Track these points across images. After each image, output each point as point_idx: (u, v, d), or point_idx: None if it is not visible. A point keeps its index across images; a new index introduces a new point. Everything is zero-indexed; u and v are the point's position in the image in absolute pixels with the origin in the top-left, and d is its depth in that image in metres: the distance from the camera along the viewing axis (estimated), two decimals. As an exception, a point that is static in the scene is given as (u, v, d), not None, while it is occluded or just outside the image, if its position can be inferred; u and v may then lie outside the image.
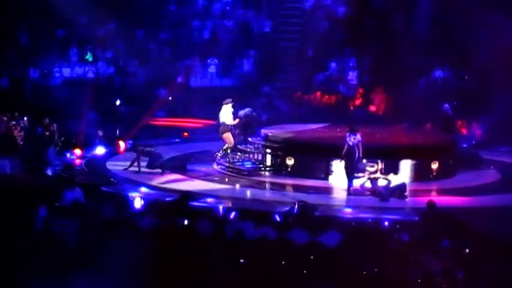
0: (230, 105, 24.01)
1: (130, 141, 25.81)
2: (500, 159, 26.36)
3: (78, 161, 24.42)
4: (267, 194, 21.47)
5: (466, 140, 27.23)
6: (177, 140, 29.11)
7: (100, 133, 26.94)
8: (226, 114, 23.92)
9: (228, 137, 23.97)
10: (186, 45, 34.40)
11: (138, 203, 18.02)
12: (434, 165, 22.98)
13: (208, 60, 33.81)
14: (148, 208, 17.10)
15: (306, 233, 14.23)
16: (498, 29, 30.85)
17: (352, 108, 31.87)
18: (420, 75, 32.31)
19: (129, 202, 17.75)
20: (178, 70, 33.17)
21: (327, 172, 22.49)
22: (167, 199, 18.96)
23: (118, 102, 31.87)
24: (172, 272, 12.37)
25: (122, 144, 25.68)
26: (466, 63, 31.84)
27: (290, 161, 22.94)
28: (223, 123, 23.91)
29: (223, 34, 34.75)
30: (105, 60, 33.38)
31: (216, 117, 24.39)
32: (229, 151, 24.14)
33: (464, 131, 27.70)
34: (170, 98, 32.26)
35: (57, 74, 32.41)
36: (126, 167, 23.22)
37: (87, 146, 26.22)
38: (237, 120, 24.05)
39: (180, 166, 24.05)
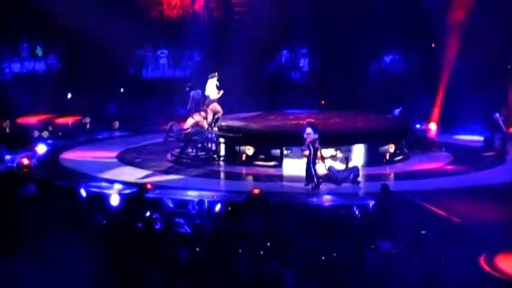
0: (215, 78, 23.92)
1: None
2: (450, 141, 26.69)
3: (32, 158, 24.17)
4: (222, 183, 21.43)
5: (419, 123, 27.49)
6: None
7: (46, 133, 26.82)
8: (211, 87, 23.85)
9: (215, 107, 23.88)
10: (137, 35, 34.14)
11: (93, 197, 17.86)
12: (389, 149, 23.16)
13: (160, 52, 33.63)
14: (103, 202, 16.98)
15: (261, 221, 14.26)
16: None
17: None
18: (372, 59, 32.55)
19: (84, 196, 17.57)
20: (130, 61, 33.01)
21: (281, 160, 22.54)
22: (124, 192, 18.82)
23: (69, 96, 31.64)
24: (128, 266, 12.31)
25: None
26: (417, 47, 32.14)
27: (244, 150, 22.94)
28: (208, 97, 23.83)
29: (174, 24, 34.58)
30: (56, 54, 33.03)
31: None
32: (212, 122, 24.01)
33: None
34: (122, 90, 32.09)
35: (7, 70, 32.03)
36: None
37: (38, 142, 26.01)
38: (221, 92, 23.90)
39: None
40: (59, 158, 24.30)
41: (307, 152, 20.32)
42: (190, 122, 23.95)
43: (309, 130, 20.08)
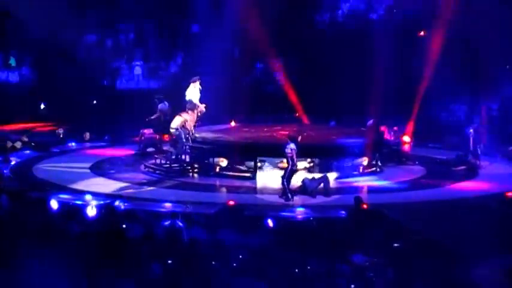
0: (198, 82, 23.97)
1: None
2: (424, 154, 26.83)
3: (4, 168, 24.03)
4: (197, 195, 21.36)
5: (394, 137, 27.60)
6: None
7: (19, 144, 26.71)
8: (193, 92, 23.87)
9: (193, 114, 23.89)
10: (112, 47, 34.10)
11: (65, 208, 17.76)
12: (362, 162, 23.23)
13: (135, 62, 33.55)
14: (76, 213, 16.89)
15: (236, 233, 14.25)
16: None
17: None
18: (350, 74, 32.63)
19: (57, 208, 17.46)
20: (105, 72, 32.92)
21: (255, 172, 22.53)
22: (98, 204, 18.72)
23: (42, 106, 31.49)
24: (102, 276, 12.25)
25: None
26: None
27: (218, 162, 22.91)
28: (190, 101, 23.81)
29: (149, 36, 34.57)
30: (30, 64, 32.89)
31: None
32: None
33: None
34: (95, 102, 32.00)
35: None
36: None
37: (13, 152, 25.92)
38: (204, 106, 23.94)
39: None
40: (32, 168, 24.13)
41: (284, 164, 20.33)
42: (177, 120, 23.77)
43: (293, 146, 20.03)
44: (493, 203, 19.36)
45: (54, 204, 16.93)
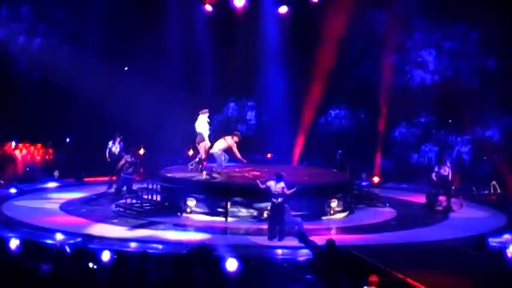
0: (206, 115, 23.87)
1: None
2: (394, 196, 26.94)
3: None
4: (168, 235, 21.22)
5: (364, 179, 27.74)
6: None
7: None
8: (203, 124, 23.81)
9: (206, 145, 23.84)
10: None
11: (33, 247, 17.58)
12: (333, 204, 23.25)
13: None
14: (45, 252, 16.75)
15: (207, 273, 14.17)
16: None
17: None
18: (319, 113, 32.86)
19: (25, 247, 17.28)
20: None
21: (227, 211, 22.48)
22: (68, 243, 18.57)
23: (13, 144, 31.31)
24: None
25: None
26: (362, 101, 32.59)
27: (191, 202, 22.85)
28: (200, 134, 23.73)
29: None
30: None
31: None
32: (201, 161, 24.10)
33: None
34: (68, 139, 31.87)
35: None
36: None
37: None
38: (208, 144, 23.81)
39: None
40: (1, 207, 23.92)
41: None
42: (220, 144, 23.77)
43: (282, 184, 19.95)
44: (464, 247, 19.43)
45: (16, 242, 16.71)
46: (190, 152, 27.97)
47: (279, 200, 19.82)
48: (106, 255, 16.11)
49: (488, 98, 30.44)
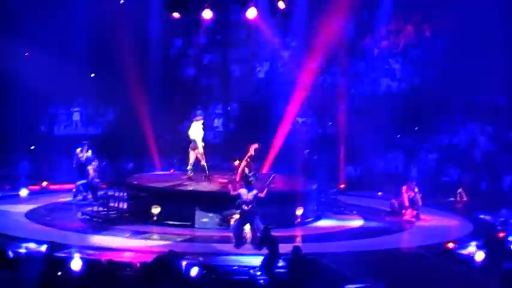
0: (201, 122, 23.91)
1: None
2: (361, 204, 27.01)
3: None
4: (134, 243, 21.10)
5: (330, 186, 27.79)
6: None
7: None
8: (197, 131, 23.82)
9: (199, 151, 23.83)
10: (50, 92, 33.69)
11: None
12: (298, 212, 23.23)
13: (73, 108, 33.26)
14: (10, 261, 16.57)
15: (172, 281, 14.10)
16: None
17: None
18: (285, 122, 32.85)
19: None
20: (42, 118, 32.59)
21: (193, 219, 22.39)
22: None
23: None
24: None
25: None
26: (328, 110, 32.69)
27: (156, 209, 22.74)
28: (194, 141, 23.69)
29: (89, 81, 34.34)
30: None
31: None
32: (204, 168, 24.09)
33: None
34: (32, 147, 31.59)
35: None
36: None
37: None
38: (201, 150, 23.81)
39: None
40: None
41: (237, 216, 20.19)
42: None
43: (255, 191, 19.91)
44: (431, 254, 19.51)
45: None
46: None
47: (250, 207, 19.80)
48: (75, 264, 16.01)
49: (454, 105, 30.67)
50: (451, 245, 20.05)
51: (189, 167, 24.21)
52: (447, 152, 31.06)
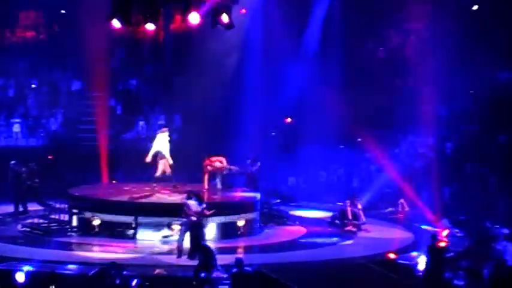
0: (166, 133, 24.21)
1: None
2: (303, 215, 27.09)
3: None
4: (74, 255, 20.84)
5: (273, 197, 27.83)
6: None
7: None
8: (162, 142, 24.08)
9: (165, 164, 24.12)
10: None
11: None
12: (241, 223, 23.20)
13: (14, 119, 32.82)
14: None
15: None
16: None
17: None
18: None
19: None
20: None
21: (135, 230, 22.22)
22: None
23: None
24: None
25: None
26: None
27: (97, 221, 22.53)
28: (160, 152, 23.92)
29: (29, 92, 33.98)
30: None
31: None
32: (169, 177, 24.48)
33: None
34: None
35: None
36: None
37: None
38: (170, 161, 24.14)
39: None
40: None
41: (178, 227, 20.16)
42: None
43: (192, 202, 19.82)
44: (372, 264, 19.64)
45: None
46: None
47: (199, 218, 19.76)
48: (19, 276, 15.83)
49: (396, 117, 30.94)
50: (392, 256, 20.23)
51: (157, 175, 24.45)
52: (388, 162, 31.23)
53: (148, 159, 24.39)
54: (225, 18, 22.28)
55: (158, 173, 24.46)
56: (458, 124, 31.33)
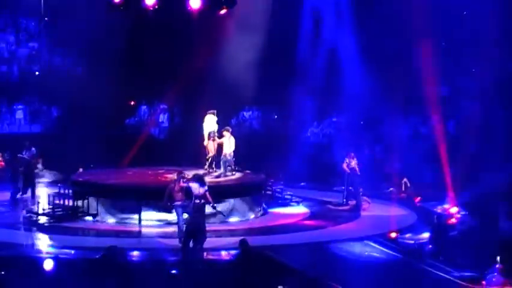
0: (213, 115, 24.23)
1: None
2: (307, 196, 27.11)
3: None
4: (80, 240, 20.95)
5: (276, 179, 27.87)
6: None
7: None
8: (211, 123, 24.06)
9: (211, 146, 24.10)
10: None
11: None
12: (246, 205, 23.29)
13: (16, 106, 32.88)
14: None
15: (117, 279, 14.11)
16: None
17: None
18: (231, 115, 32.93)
19: None
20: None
21: (139, 215, 22.27)
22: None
23: None
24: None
25: None
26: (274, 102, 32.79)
27: (101, 206, 22.62)
28: (212, 132, 24.11)
29: (31, 79, 33.98)
30: None
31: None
32: (210, 160, 24.36)
33: None
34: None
35: None
36: None
37: None
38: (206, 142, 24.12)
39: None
40: None
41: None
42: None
43: (194, 184, 19.75)
44: (376, 244, 19.74)
45: None
46: None
47: (202, 201, 19.74)
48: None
49: (396, 97, 30.87)
50: (394, 234, 20.35)
51: (209, 157, 24.49)
52: (390, 143, 31.23)
53: (206, 142, 24.36)
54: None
55: (211, 154, 24.45)
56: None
